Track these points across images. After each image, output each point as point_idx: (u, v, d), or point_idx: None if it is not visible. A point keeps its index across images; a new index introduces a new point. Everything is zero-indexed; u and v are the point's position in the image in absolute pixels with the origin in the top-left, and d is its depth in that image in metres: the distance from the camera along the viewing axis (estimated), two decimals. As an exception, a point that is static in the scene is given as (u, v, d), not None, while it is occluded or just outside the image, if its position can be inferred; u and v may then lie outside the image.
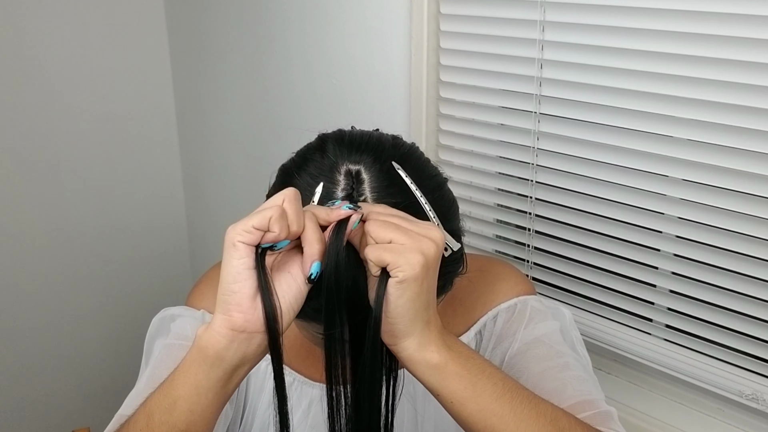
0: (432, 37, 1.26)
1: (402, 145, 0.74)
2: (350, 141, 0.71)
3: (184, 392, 0.62)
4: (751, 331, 1.01)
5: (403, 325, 0.62)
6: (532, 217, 1.21)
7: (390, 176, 0.68)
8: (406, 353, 0.63)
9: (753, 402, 1.02)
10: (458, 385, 0.63)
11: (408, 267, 0.60)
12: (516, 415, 0.64)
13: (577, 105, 1.10)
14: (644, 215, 1.07)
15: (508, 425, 0.63)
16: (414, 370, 0.64)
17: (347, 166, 0.69)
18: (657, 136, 1.03)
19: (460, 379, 0.63)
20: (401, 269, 0.60)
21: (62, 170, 1.77)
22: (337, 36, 1.41)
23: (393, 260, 0.60)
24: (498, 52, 1.17)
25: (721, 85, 0.95)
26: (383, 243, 0.61)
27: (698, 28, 0.95)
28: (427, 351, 0.63)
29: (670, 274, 1.08)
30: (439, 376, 0.63)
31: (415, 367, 0.63)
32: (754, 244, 0.98)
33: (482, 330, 0.87)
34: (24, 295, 1.74)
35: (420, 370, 0.64)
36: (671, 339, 1.11)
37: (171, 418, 0.62)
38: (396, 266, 0.60)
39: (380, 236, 0.61)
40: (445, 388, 0.63)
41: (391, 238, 0.60)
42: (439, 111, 1.30)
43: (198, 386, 0.62)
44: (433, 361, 0.63)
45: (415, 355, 0.63)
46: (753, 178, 0.95)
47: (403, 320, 0.61)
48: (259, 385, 0.88)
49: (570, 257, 1.18)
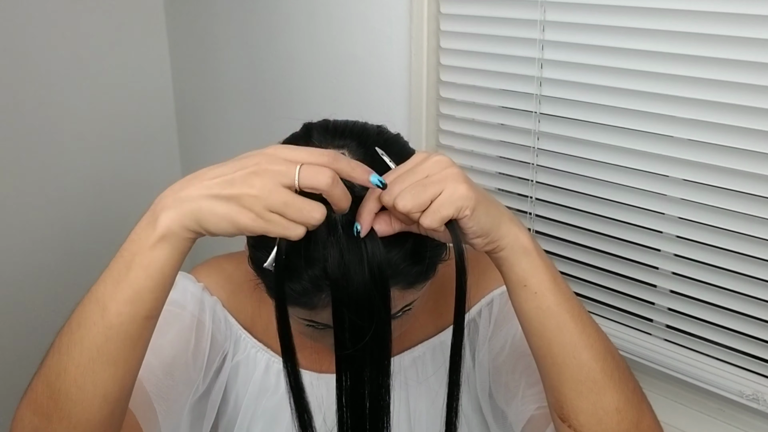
0: (432, 37, 1.26)
1: (386, 132, 0.76)
2: (335, 128, 0.73)
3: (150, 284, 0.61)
4: (751, 331, 1.01)
5: (494, 229, 0.64)
6: (532, 217, 1.21)
7: (374, 160, 0.69)
8: (508, 245, 0.65)
9: (753, 402, 1.02)
10: (544, 275, 0.66)
11: (466, 202, 0.61)
12: (583, 318, 0.67)
13: (577, 105, 1.10)
14: (644, 215, 1.07)
15: (576, 324, 0.66)
16: (513, 259, 0.66)
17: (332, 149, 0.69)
18: (657, 136, 1.03)
19: (546, 269, 0.67)
20: (463, 209, 0.61)
21: (62, 170, 1.77)
22: (337, 36, 1.41)
23: (453, 209, 0.61)
24: (498, 51, 1.17)
25: (721, 85, 0.95)
26: (424, 206, 0.61)
27: (698, 28, 0.95)
28: (521, 237, 0.66)
29: (670, 274, 1.08)
30: (531, 263, 0.66)
31: (515, 255, 0.66)
32: (754, 244, 0.98)
33: (477, 317, 0.87)
34: (24, 295, 1.74)
35: (516, 258, 0.66)
36: (671, 339, 1.11)
37: (133, 309, 0.61)
38: (458, 210, 0.61)
39: (417, 203, 0.61)
40: (535, 276, 0.66)
41: (429, 197, 0.61)
42: (439, 111, 1.30)
43: (164, 274, 0.61)
44: (526, 245, 0.66)
45: (515, 243, 0.65)
46: (753, 178, 0.95)
47: (491, 227, 0.64)
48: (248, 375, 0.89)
49: (570, 257, 1.18)
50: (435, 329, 0.89)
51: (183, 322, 0.82)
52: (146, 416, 0.74)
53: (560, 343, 0.66)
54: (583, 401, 0.65)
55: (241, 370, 0.89)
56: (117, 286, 0.61)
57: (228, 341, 0.87)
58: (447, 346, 0.87)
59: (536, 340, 0.67)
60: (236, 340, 0.88)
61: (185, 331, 0.82)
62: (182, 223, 0.60)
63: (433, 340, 0.89)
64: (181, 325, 0.81)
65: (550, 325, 0.66)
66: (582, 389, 0.65)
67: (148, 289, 0.61)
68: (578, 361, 0.65)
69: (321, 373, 0.88)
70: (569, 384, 0.66)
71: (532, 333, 0.67)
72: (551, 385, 0.68)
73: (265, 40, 1.57)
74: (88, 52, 1.74)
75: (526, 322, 0.67)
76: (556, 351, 0.66)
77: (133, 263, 0.60)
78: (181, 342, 0.81)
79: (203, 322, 0.84)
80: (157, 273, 0.60)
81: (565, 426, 0.67)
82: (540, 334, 0.67)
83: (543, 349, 0.67)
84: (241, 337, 0.88)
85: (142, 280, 0.60)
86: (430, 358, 0.89)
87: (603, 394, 0.65)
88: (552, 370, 0.67)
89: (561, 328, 0.66)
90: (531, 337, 0.68)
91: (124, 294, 0.60)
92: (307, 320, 0.71)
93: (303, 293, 0.67)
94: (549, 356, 0.67)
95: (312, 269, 0.65)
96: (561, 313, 0.66)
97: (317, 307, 0.68)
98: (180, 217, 0.60)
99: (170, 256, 0.60)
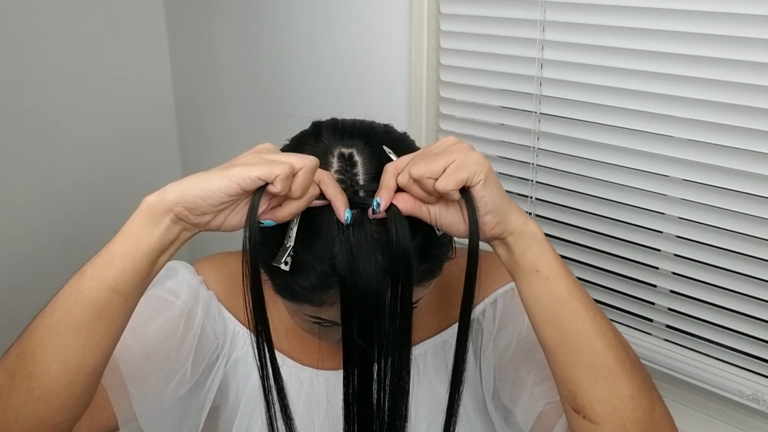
0: (432, 37, 1.26)
1: (393, 131, 0.76)
2: (343, 127, 0.73)
3: (121, 249, 0.63)
4: (751, 331, 1.01)
5: (504, 206, 0.65)
6: (532, 217, 1.21)
7: (381, 158, 0.70)
8: (517, 230, 0.66)
9: (753, 402, 1.02)
10: (555, 261, 0.66)
11: (480, 167, 0.63)
12: (593, 306, 0.67)
13: (577, 105, 1.10)
14: (645, 215, 1.07)
15: (588, 312, 0.66)
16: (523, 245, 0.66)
17: (340, 149, 0.70)
18: (657, 136, 1.03)
19: (556, 256, 0.67)
20: (477, 173, 0.62)
21: (62, 169, 1.77)
22: (337, 36, 1.41)
23: (468, 172, 0.62)
24: (498, 51, 1.17)
25: (721, 85, 0.95)
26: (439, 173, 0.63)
27: (698, 28, 0.95)
28: (529, 223, 0.67)
29: (670, 274, 1.08)
30: (541, 249, 0.66)
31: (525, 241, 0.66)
32: (754, 244, 0.98)
33: (481, 317, 0.87)
34: (23, 294, 1.74)
35: (527, 244, 0.66)
36: (672, 339, 1.11)
37: (103, 274, 0.63)
38: (472, 174, 0.62)
39: (433, 170, 0.63)
40: (546, 261, 0.66)
41: (443, 164, 0.63)
42: (439, 111, 1.30)
43: (138, 248, 0.63)
44: (535, 231, 0.66)
45: (524, 229, 0.66)
46: (753, 178, 0.95)
47: (501, 202, 0.65)
48: (248, 372, 0.88)
49: (570, 257, 1.18)
50: (437, 328, 0.89)
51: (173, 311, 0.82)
52: (118, 396, 0.75)
53: (574, 330, 0.65)
54: (598, 389, 0.65)
55: (240, 367, 0.89)
56: (98, 253, 0.63)
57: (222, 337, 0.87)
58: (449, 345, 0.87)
59: (549, 330, 0.66)
60: (234, 336, 0.88)
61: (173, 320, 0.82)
62: (163, 196, 0.63)
63: (435, 338, 0.89)
64: (170, 314, 0.82)
65: (562, 312, 0.65)
66: (597, 377, 0.65)
67: (119, 257, 0.63)
68: (592, 348, 0.65)
69: (321, 369, 0.88)
70: (584, 372, 0.65)
71: (544, 322, 0.67)
72: (564, 376, 0.67)
73: (265, 40, 1.57)
74: (88, 52, 1.74)
75: (538, 310, 0.67)
76: (569, 339, 0.65)
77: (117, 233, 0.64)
78: (168, 330, 0.81)
79: (194, 314, 0.84)
80: (131, 239, 0.63)
81: (580, 417, 0.66)
82: (553, 322, 0.66)
83: (556, 338, 0.66)
84: (239, 334, 0.88)
85: (117, 246, 0.63)
86: (431, 356, 0.89)
87: (617, 381, 0.65)
88: (566, 359, 0.66)
89: (573, 314, 0.65)
90: (543, 327, 0.67)
91: (100, 258, 0.63)
92: (314, 317, 0.72)
93: (312, 290, 0.67)
94: (562, 345, 0.66)
95: (321, 265, 0.66)
96: (572, 300, 0.65)
97: (325, 303, 0.69)
98: (162, 192, 0.64)
99: (147, 228, 0.63)
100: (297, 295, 0.68)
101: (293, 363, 0.88)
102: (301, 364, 0.88)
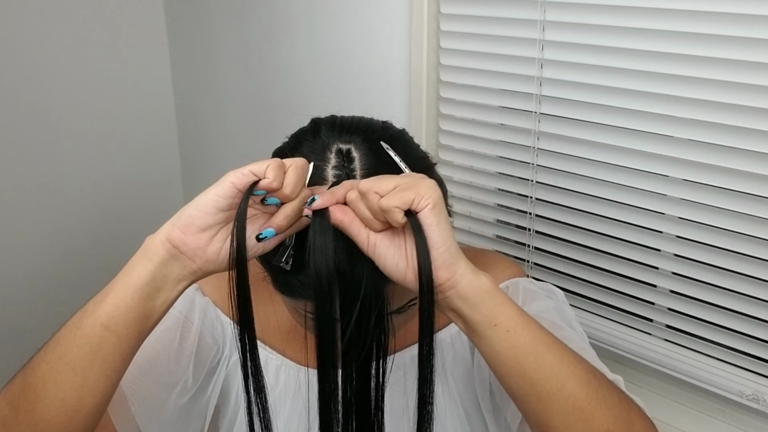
0: (432, 37, 1.26)
1: (391, 127, 0.76)
2: (341, 123, 0.73)
3: (116, 286, 0.64)
4: (751, 331, 1.01)
5: (453, 249, 0.62)
6: (532, 217, 1.21)
7: (379, 155, 0.70)
8: (465, 280, 0.62)
9: (753, 402, 1.02)
10: (511, 311, 0.63)
11: (430, 192, 0.60)
12: (557, 346, 0.64)
13: (577, 105, 1.10)
14: (644, 215, 1.07)
15: (554, 355, 0.63)
16: (475, 298, 0.62)
17: (338, 145, 0.70)
18: (657, 136, 1.03)
19: (512, 304, 0.63)
20: (426, 197, 0.60)
21: (62, 170, 1.77)
22: (337, 36, 1.41)
23: (415, 193, 0.60)
24: (498, 51, 1.17)
25: (721, 85, 0.95)
26: (386, 191, 0.61)
27: (698, 28, 0.95)
28: (479, 276, 0.63)
29: (670, 274, 1.08)
30: (496, 300, 0.63)
31: (475, 294, 0.62)
32: (754, 244, 0.98)
33: None
34: (23, 294, 1.74)
35: (479, 297, 0.62)
36: (671, 339, 1.11)
37: (97, 310, 0.63)
38: (420, 196, 0.60)
39: (383, 187, 0.61)
40: (502, 314, 0.62)
41: (395, 184, 0.61)
42: (439, 111, 1.30)
43: (130, 284, 0.63)
44: (487, 284, 0.63)
45: (474, 280, 0.62)
46: (753, 178, 0.95)
47: (451, 242, 0.61)
48: None
49: (570, 257, 1.18)
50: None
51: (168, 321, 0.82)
52: (119, 411, 0.75)
53: (542, 378, 0.62)
54: (573, 431, 0.63)
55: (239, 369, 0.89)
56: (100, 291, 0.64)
57: (222, 340, 0.87)
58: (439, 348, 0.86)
59: (516, 381, 0.63)
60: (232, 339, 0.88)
61: (170, 330, 0.82)
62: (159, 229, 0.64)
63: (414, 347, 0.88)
64: (166, 324, 0.81)
65: (528, 363, 0.62)
66: (570, 420, 0.62)
67: (113, 293, 0.63)
68: (563, 393, 0.62)
69: None
70: (557, 417, 0.63)
71: (510, 374, 0.63)
72: (537, 420, 0.64)
73: (265, 40, 1.57)
74: (88, 53, 1.74)
75: (502, 364, 0.63)
76: (539, 388, 0.62)
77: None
78: (165, 341, 0.81)
79: (191, 322, 0.84)
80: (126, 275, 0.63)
81: None
82: (519, 374, 0.63)
83: (524, 388, 0.63)
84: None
85: (114, 282, 0.64)
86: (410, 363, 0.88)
87: (592, 418, 0.62)
88: (537, 407, 0.63)
89: (540, 363, 0.62)
90: (510, 379, 0.64)
91: (99, 295, 0.64)
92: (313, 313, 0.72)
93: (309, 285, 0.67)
94: (533, 394, 0.63)
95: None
96: (538, 347, 0.62)
97: None
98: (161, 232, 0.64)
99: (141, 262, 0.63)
100: (295, 291, 0.69)
101: (292, 363, 0.88)
102: (300, 365, 0.88)
